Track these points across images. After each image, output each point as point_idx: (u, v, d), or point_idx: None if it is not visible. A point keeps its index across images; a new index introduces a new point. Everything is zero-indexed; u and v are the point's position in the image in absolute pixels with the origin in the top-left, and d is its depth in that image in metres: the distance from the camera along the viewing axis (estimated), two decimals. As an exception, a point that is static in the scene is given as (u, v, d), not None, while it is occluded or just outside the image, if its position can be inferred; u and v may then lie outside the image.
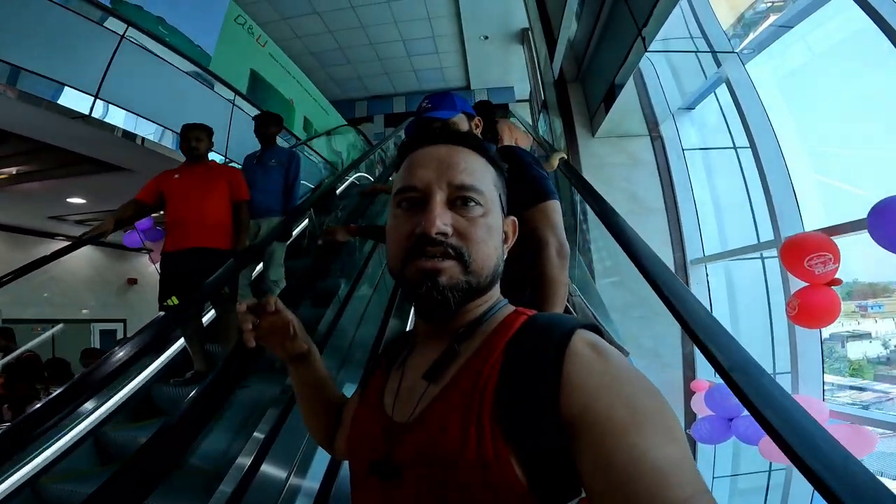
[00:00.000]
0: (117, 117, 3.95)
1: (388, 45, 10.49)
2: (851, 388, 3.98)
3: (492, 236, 0.61)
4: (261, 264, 3.56)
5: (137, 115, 4.04)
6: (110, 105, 3.86)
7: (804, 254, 2.85)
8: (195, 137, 3.08)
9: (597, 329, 0.55)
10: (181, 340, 3.10)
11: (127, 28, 4.06)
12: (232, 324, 2.84)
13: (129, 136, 4.11)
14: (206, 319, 3.29)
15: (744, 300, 4.60)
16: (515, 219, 0.68)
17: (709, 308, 4.66)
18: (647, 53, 3.07)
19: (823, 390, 3.46)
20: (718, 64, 3.53)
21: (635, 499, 0.39)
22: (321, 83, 11.58)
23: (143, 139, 4.28)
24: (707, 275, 4.56)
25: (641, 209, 4.64)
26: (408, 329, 0.96)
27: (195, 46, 4.82)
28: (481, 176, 0.63)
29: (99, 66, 3.80)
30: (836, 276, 2.85)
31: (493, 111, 4.94)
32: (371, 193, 3.48)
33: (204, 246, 2.89)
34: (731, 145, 4.69)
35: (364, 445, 0.63)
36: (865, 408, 3.61)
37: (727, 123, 4.52)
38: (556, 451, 0.47)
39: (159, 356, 3.08)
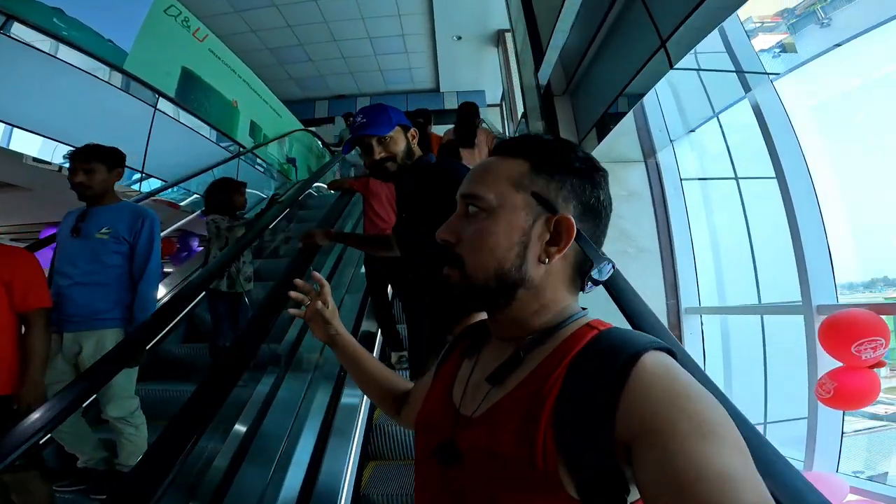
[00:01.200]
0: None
1: (353, 43, 9.76)
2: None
3: (493, 239, 0.60)
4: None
5: (14, 125, 3.16)
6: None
7: (853, 338, 2.30)
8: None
9: (671, 352, 0.53)
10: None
11: (5, 22, 3.18)
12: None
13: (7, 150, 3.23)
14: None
15: (743, 354, 4.08)
16: (569, 217, 0.59)
17: (701, 363, 4.17)
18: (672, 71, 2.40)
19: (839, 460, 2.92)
20: (748, 88, 2.91)
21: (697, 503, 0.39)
22: (279, 81, 10.80)
23: (33, 157, 3.41)
24: (702, 324, 4.01)
25: (634, 248, 4.05)
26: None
27: (105, 41, 3.94)
28: (493, 179, 0.62)
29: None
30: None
31: (477, 114, 4.42)
32: (341, 187, 3.41)
33: None
34: (733, 176, 4.17)
35: (431, 427, 0.66)
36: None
37: (729, 153, 4.00)
38: (607, 467, 0.47)
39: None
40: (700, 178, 4.23)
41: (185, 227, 5.59)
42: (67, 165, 2.16)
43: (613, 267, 0.63)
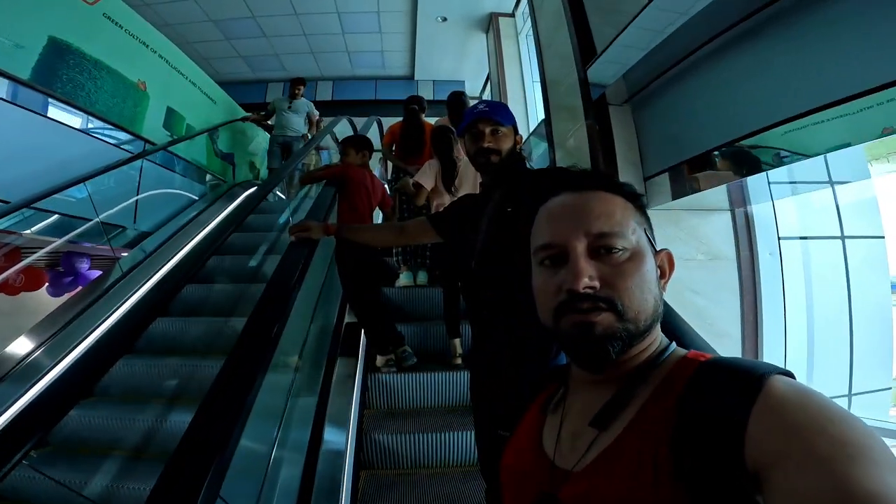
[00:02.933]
0: None
1: (317, 18, 8.16)
2: None
3: (643, 278, 0.58)
4: None
5: None
6: None
7: None
8: None
9: (792, 375, 0.50)
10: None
11: None
12: None
13: None
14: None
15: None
16: (669, 251, 0.65)
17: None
18: None
19: None
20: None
21: None
22: (224, 59, 9.12)
23: None
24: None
25: (710, 334, 2.79)
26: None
27: None
28: (622, 217, 0.60)
29: None
30: None
31: (466, 104, 3.78)
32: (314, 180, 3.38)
33: None
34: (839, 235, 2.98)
35: (525, 482, 0.62)
36: None
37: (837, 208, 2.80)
38: (738, 501, 0.43)
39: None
40: (802, 238, 3.00)
41: (70, 248, 4.30)
42: None
43: None
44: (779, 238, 2.89)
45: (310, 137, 6.20)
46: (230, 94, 9.29)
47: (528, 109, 7.05)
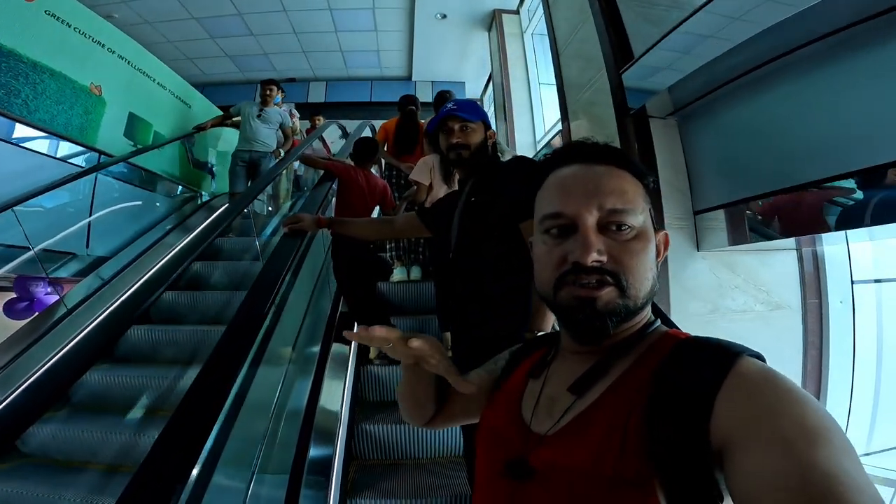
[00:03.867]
0: None
1: (308, 15, 7.65)
2: None
3: (648, 258, 0.59)
4: None
5: None
6: None
7: None
8: None
9: (763, 359, 0.51)
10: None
11: None
12: None
13: None
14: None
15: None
16: (667, 233, 0.66)
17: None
18: None
19: None
20: None
21: None
22: (209, 58, 8.68)
23: None
24: None
25: None
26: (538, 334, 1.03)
27: None
28: (633, 196, 0.60)
29: None
30: None
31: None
32: (315, 165, 3.39)
33: None
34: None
35: (499, 443, 0.63)
36: None
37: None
38: (701, 473, 0.45)
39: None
40: (876, 281, 2.46)
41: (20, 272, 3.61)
42: None
43: None
44: (852, 282, 2.36)
45: (281, 154, 4.90)
46: (218, 96, 8.75)
47: (535, 113, 6.51)
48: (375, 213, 3.56)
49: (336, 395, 2.32)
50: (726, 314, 2.34)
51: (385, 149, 4.15)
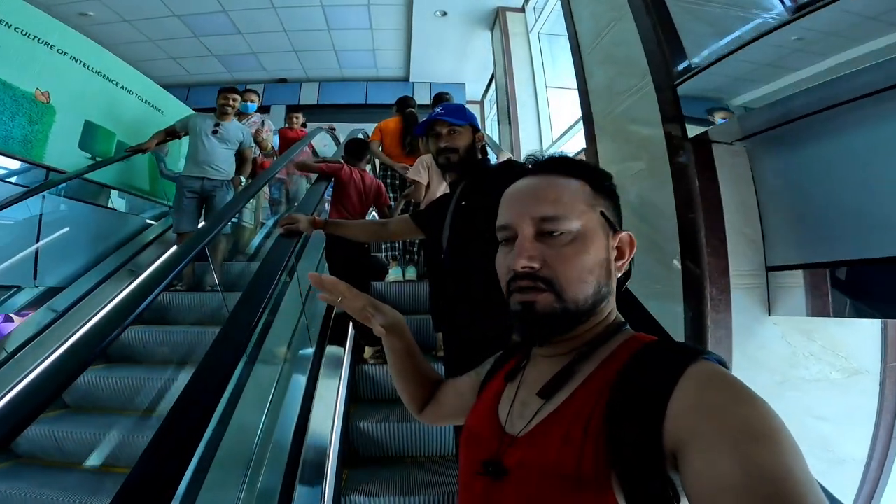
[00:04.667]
0: None
1: (299, 12, 7.19)
2: None
3: (584, 260, 0.60)
4: None
5: None
6: None
7: None
8: None
9: (723, 363, 0.52)
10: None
11: None
12: None
13: None
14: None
15: None
16: (630, 234, 0.65)
17: None
18: None
19: None
20: None
21: None
22: (194, 58, 8.29)
23: None
24: None
25: (825, 461, 1.88)
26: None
27: None
28: (570, 200, 0.61)
29: None
30: None
31: None
32: (310, 169, 3.26)
33: None
34: None
35: (478, 444, 0.65)
36: None
37: None
38: (656, 473, 0.46)
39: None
40: None
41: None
42: None
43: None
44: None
45: (243, 183, 3.93)
46: (206, 98, 8.23)
47: (542, 118, 6.03)
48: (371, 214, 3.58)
49: (331, 394, 2.33)
50: (797, 384, 1.88)
51: (381, 149, 4.08)
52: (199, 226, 3.60)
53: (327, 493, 1.83)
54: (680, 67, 1.72)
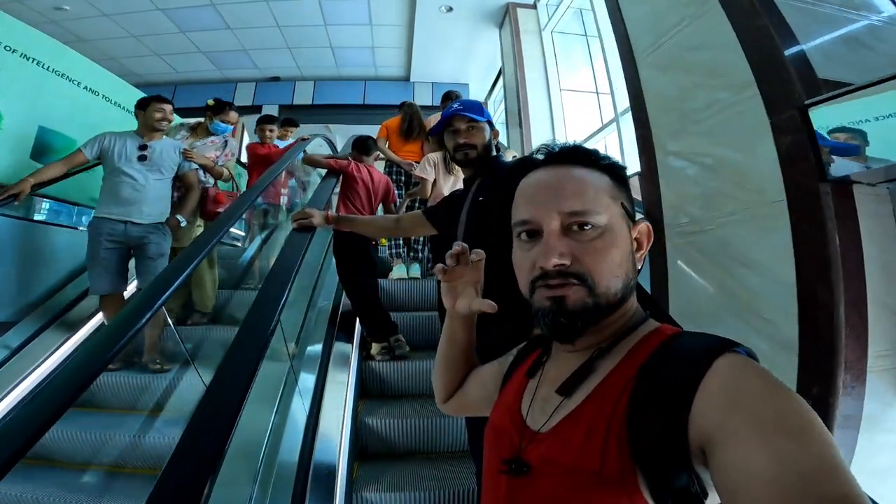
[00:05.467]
0: None
1: (293, 7, 6.71)
2: None
3: (614, 253, 0.58)
4: None
5: None
6: None
7: None
8: None
9: (752, 355, 0.49)
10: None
11: None
12: None
13: None
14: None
15: None
16: (648, 224, 0.64)
17: None
18: None
19: None
20: None
21: (782, 497, 0.36)
22: (181, 55, 7.86)
23: None
24: None
25: None
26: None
27: None
28: (595, 194, 0.60)
29: None
30: None
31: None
32: (318, 164, 3.26)
33: None
34: None
35: (501, 440, 0.64)
36: None
37: None
38: (683, 469, 0.45)
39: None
40: None
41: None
42: None
43: None
44: None
45: (183, 224, 2.96)
46: (194, 97, 7.69)
47: (556, 122, 5.56)
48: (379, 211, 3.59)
49: (340, 391, 2.33)
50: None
51: (387, 146, 4.16)
52: (131, 285, 2.95)
53: (339, 490, 1.81)
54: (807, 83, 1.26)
